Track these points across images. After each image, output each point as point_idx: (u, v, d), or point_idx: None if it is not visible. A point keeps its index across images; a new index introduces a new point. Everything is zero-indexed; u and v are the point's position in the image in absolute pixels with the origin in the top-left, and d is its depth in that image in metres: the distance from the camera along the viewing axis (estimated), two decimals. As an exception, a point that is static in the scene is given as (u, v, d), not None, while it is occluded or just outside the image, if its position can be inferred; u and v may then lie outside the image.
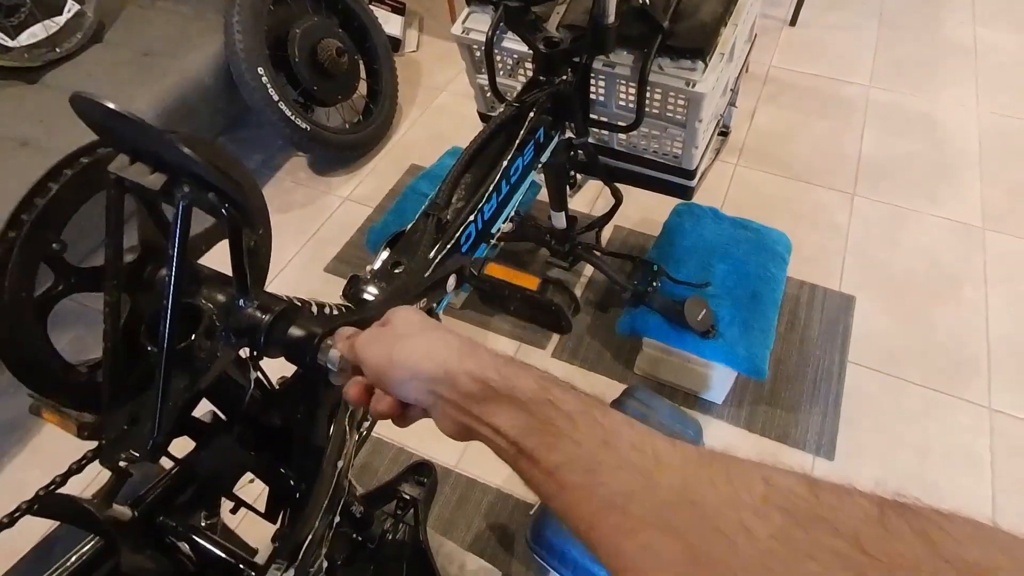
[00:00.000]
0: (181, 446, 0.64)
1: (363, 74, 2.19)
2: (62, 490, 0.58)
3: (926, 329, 1.65)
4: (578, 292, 1.77)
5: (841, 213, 1.93)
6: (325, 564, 0.74)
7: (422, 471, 1.22)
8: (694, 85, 1.12)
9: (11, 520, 0.48)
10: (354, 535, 1.02)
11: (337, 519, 0.74)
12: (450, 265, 0.69)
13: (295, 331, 0.53)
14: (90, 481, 0.66)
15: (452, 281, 0.69)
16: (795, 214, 1.92)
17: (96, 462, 0.53)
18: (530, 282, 0.64)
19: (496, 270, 0.67)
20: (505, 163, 0.98)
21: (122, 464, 0.50)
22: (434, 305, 0.73)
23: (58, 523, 0.70)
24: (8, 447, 1.54)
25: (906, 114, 2.20)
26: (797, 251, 1.57)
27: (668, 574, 0.30)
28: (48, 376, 0.52)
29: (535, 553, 1.25)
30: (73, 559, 0.63)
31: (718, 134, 1.72)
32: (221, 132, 2.14)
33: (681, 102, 1.18)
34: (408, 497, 1.15)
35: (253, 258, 0.66)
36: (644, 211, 1.91)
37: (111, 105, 0.38)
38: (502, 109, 1.05)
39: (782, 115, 2.23)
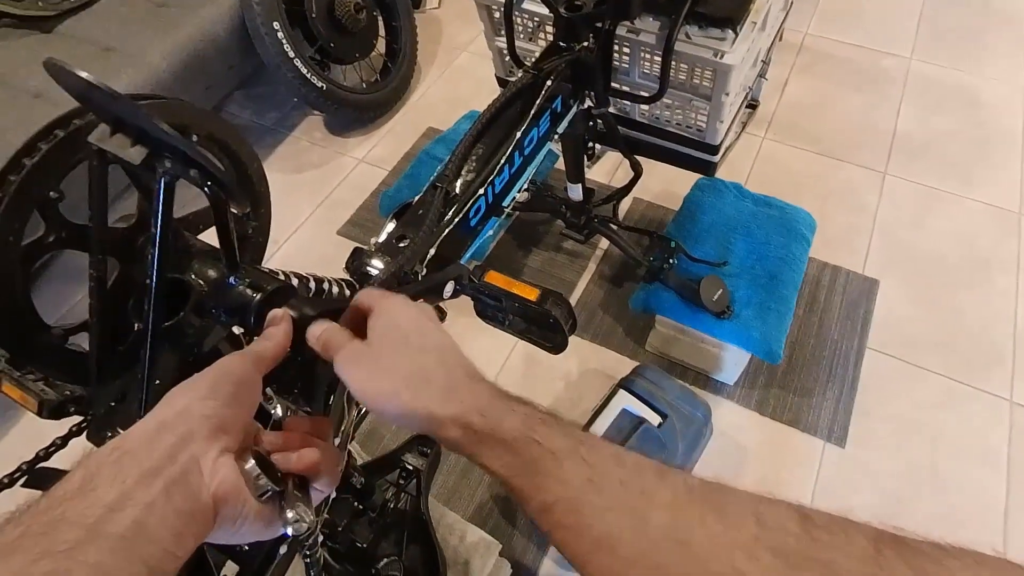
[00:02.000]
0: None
1: (382, 31, 2.13)
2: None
3: (951, 317, 1.60)
4: (592, 266, 1.74)
5: (871, 192, 1.86)
6: (321, 538, 0.74)
7: (426, 441, 1.22)
8: (722, 56, 1.06)
9: (-5, 493, 0.48)
10: (355, 503, 1.02)
11: (333, 494, 0.74)
12: (450, 271, 0.66)
13: (287, 311, 0.51)
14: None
15: (450, 287, 0.67)
16: (822, 192, 1.85)
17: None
18: (529, 292, 0.62)
19: (495, 278, 0.64)
20: (519, 134, 0.94)
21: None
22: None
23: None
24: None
25: (947, 89, 2.09)
26: (822, 231, 1.51)
27: None
28: (21, 332, 0.50)
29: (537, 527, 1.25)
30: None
31: (746, 107, 1.66)
32: (236, 88, 2.10)
33: (708, 73, 1.12)
34: (411, 467, 1.15)
35: (249, 235, 0.64)
36: (665, 183, 1.85)
37: (84, 75, 0.36)
38: (519, 76, 1.01)
39: (815, 87, 2.13)
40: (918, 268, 1.69)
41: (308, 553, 0.74)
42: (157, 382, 0.49)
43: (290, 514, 0.38)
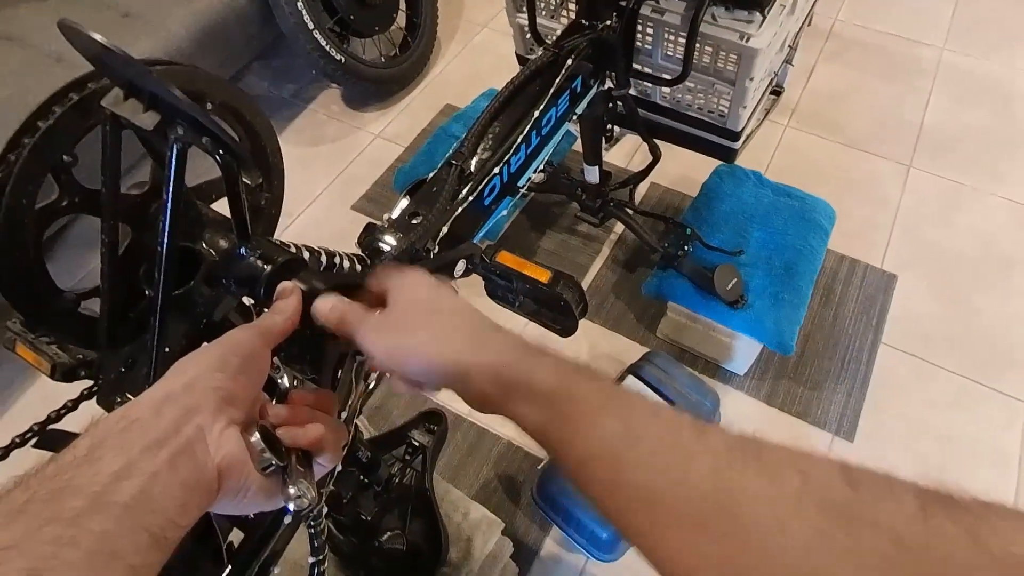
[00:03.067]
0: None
1: (402, 5, 2.10)
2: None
3: (969, 315, 1.57)
4: (606, 250, 1.72)
5: (894, 186, 1.82)
6: (325, 509, 0.75)
7: (433, 419, 1.22)
8: (748, 39, 1.04)
9: (5, 453, 0.49)
10: (361, 477, 1.03)
11: (339, 467, 0.74)
12: (462, 250, 0.66)
13: (297, 284, 0.51)
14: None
15: (461, 266, 0.67)
16: (844, 183, 1.82)
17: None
18: (541, 274, 0.61)
19: (507, 259, 0.64)
20: (537, 113, 0.93)
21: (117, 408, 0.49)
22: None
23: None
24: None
25: (980, 81, 2.03)
26: (841, 223, 1.49)
27: (706, 571, 0.29)
28: (34, 297, 0.50)
29: (540, 507, 1.26)
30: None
31: (770, 93, 1.62)
32: (254, 58, 2.09)
33: (733, 57, 1.10)
34: (417, 444, 1.16)
35: (261, 207, 0.64)
36: (684, 169, 1.82)
37: (98, 38, 0.36)
38: (539, 53, 0.99)
39: (843, 75, 2.08)
40: (938, 265, 1.66)
41: (312, 524, 0.75)
42: (167, 350, 0.50)
43: (292, 490, 0.38)
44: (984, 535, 0.25)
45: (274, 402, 0.46)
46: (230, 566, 0.61)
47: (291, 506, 0.38)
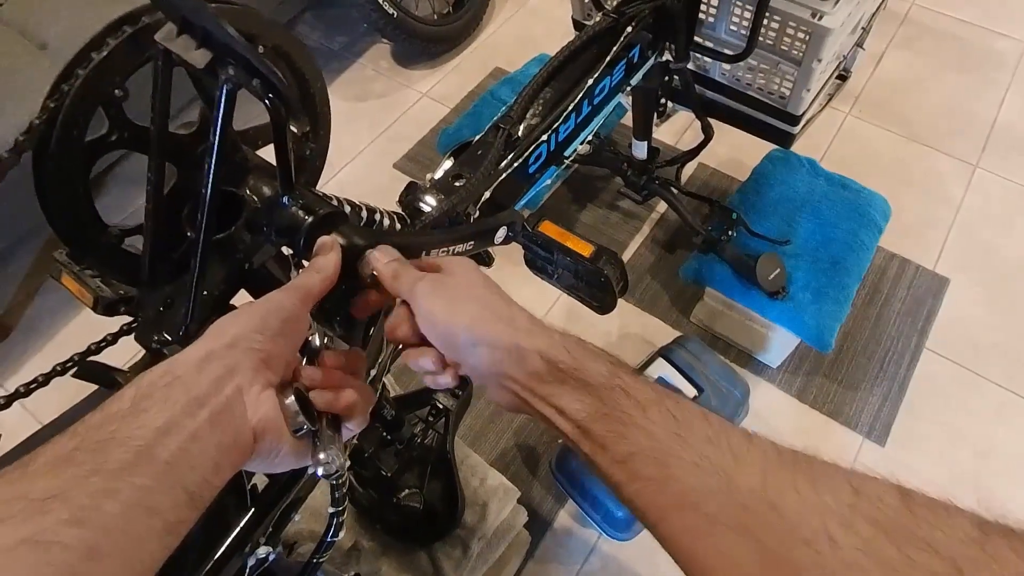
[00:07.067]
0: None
1: (459, -39, 2.06)
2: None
3: (1022, 327, 1.50)
4: (647, 228, 1.69)
5: (957, 185, 1.73)
6: (347, 463, 0.76)
7: (459, 383, 1.22)
8: (821, 17, 0.98)
9: (46, 380, 0.50)
10: (384, 433, 1.04)
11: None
12: (504, 217, 0.64)
13: (336, 239, 0.50)
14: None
15: (502, 233, 0.65)
16: (903, 179, 1.74)
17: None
18: (583, 248, 0.59)
19: (550, 229, 0.62)
20: (590, 81, 0.90)
21: (155, 346, 0.50)
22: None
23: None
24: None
25: (1063, 81, 1.90)
26: (896, 220, 1.42)
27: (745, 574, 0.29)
28: (79, 229, 0.51)
29: (557, 480, 1.27)
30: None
31: (836, 77, 1.55)
32: (308, 7, 2.08)
33: (801, 35, 1.04)
34: (441, 406, 1.16)
35: (306, 157, 0.63)
36: (734, 151, 1.76)
37: (153, -34, 0.34)
38: (598, 19, 0.96)
39: (914, 63, 1.97)
40: (995, 272, 1.58)
41: (335, 480, 0.76)
42: (205, 292, 0.50)
43: (322, 456, 0.39)
44: None
45: (304, 361, 0.46)
46: (253, 509, 0.62)
47: (320, 471, 0.39)
